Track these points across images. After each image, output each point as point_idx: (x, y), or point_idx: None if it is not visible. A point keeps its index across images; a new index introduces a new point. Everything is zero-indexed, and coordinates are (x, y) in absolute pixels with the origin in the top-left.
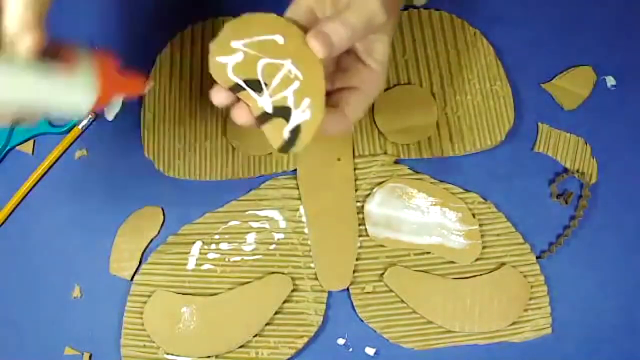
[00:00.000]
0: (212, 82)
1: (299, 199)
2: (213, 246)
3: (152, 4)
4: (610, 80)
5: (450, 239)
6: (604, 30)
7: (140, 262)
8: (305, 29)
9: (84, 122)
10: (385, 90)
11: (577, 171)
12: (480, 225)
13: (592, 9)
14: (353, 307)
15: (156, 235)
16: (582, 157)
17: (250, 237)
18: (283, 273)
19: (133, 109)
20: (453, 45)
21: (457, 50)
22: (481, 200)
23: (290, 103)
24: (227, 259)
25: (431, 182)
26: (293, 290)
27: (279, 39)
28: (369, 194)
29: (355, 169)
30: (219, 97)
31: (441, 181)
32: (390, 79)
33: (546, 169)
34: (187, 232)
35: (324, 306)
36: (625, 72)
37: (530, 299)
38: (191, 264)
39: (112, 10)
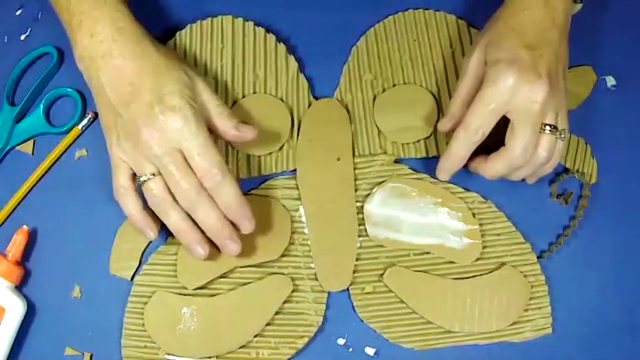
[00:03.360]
0: (211, 82)
1: (299, 199)
2: None
3: (151, 4)
4: (610, 80)
5: (450, 239)
6: (604, 31)
7: (140, 262)
8: None
9: (84, 122)
10: (385, 90)
11: (577, 171)
12: (481, 224)
13: (592, 9)
14: (353, 307)
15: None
16: (582, 157)
17: None
18: (283, 274)
19: None
20: (453, 45)
21: (457, 50)
22: (481, 199)
23: None
24: None
25: (431, 182)
26: (293, 291)
27: None
28: (369, 194)
29: (355, 169)
30: None
31: (441, 181)
32: (390, 79)
33: None
34: None
35: (324, 306)
36: (625, 72)
37: (531, 299)
38: None
39: None
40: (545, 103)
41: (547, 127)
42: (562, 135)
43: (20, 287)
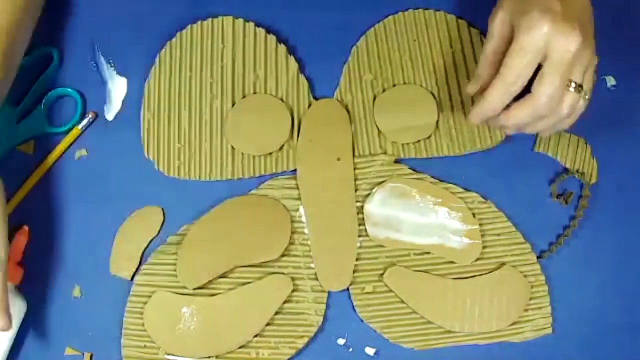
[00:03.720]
0: (212, 82)
1: (299, 199)
2: None
3: (152, 4)
4: (610, 80)
5: (450, 239)
6: (604, 30)
7: (140, 262)
8: None
9: (84, 122)
10: (385, 90)
11: (577, 171)
12: (481, 224)
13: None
14: (353, 307)
15: (156, 235)
16: (582, 157)
17: None
18: (283, 273)
19: (133, 109)
20: (453, 45)
21: (457, 50)
22: (481, 200)
23: None
24: None
25: (431, 182)
26: (293, 291)
27: None
28: (369, 194)
29: (355, 169)
30: None
31: (441, 181)
32: (390, 79)
33: (546, 169)
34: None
35: (324, 306)
36: (625, 72)
37: (531, 299)
38: None
39: (112, 10)
40: (577, 55)
41: (573, 84)
42: (587, 96)
43: (20, 287)
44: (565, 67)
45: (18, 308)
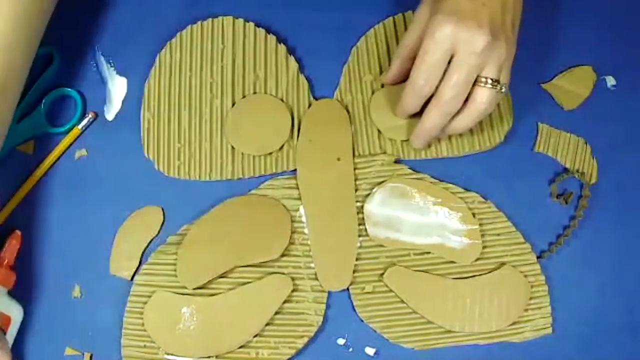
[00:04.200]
0: (212, 82)
1: (299, 199)
2: None
3: (152, 4)
4: (610, 80)
5: (450, 239)
6: (604, 30)
7: (140, 262)
8: None
9: (84, 122)
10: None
11: (577, 171)
12: (481, 224)
13: (591, 9)
14: (353, 307)
15: (156, 235)
16: (582, 157)
17: None
18: (283, 273)
19: (133, 109)
20: None
21: None
22: (481, 200)
23: None
24: None
25: (431, 182)
26: (293, 291)
27: None
28: (369, 194)
29: (355, 169)
30: None
31: (441, 181)
32: None
33: (546, 169)
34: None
35: (324, 306)
36: (625, 72)
37: (531, 299)
38: None
39: (111, 10)
40: (485, 53)
41: (489, 81)
42: (503, 90)
43: (19, 289)
44: (470, 66)
45: (15, 315)
